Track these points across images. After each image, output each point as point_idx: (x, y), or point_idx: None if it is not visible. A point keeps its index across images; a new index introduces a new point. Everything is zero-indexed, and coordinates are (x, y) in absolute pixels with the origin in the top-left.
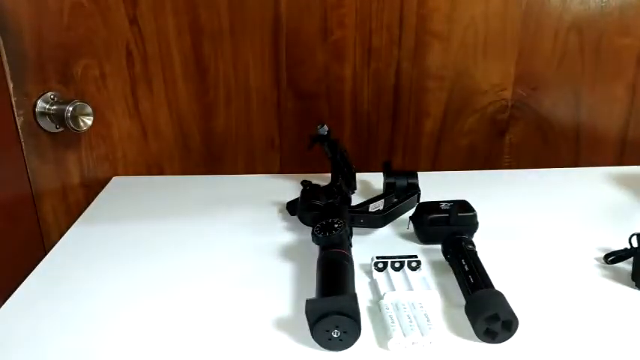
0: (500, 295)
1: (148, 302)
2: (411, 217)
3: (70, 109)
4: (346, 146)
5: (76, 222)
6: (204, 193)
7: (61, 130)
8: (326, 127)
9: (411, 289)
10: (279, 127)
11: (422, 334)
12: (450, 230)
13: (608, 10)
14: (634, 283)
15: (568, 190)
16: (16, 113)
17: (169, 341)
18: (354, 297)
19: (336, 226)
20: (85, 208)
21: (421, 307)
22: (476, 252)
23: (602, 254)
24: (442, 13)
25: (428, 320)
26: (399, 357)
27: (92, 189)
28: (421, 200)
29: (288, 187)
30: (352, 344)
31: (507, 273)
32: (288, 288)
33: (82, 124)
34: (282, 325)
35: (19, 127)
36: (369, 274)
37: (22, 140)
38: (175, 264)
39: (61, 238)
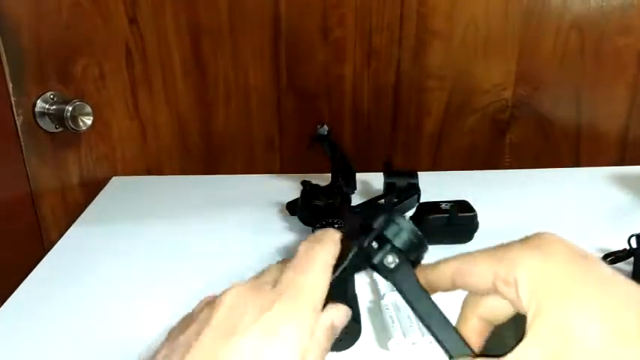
0: None
1: (147, 302)
2: (411, 218)
3: (70, 108)
4: (346, 146)
5: (76, 222)
6: (204, 193)
7: (60, 130)
8: (326, 127)
9: None
10: (279, 127)
11: (422, 335)
12: None
13: (609, 10)
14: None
15: (568, 190)
16: (15, 113)
17: None
18: (355, 297)
19: (336, 226)
20: (85, 208)
21: None
22: None
23: (602, 254)
24: (442, 12)
25: None
26: (400, 357)
27: (91, 189)
28: (421, 200)
29: (288, 187)
30: (352, 344)
31: None
32: None
33: (81, 123)
34: None
35: (18, 127)
36: (370, 274)
37: (21, 140)
38: (175, 264)
39: (60, 237)
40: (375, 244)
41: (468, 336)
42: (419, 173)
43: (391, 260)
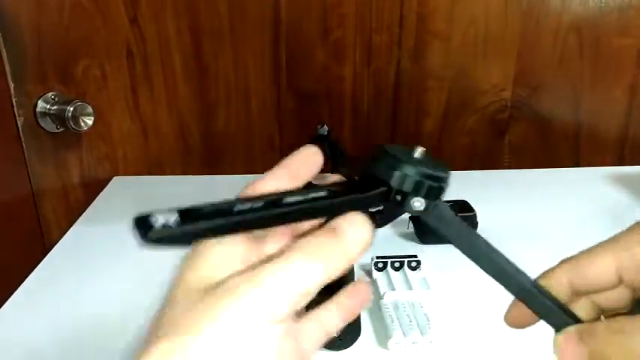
0: None
1: (147, 302)
2: (411, 217)
3: (71, 109)
4: (346, 146)
5: (77, 222)
6: (205, 193)
7: (61, 130)
8: (326, 127)
9: (410, 288)
10: (279, 127)
11: (422, 334)
12: None
13: (608, 11)
14: None
15: (567, 190)
16: (16, 113)
17: None
18: None
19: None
20: (86, 208)
21: (421, 306)
22: None
23: None
24: (442, 13)
25: (428, 320)
26: (399, 357)
27: (93, 189)
28: None
29: None
30: (352, 344)
31: None
32: None
33: (82, 124)
34: None
35: (19, 127)
36: (369, 273)
37: (22, 140)
38: (175, 264)
39: (61, 237)
40: (398, 197)
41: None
42: None
43: (418, 205)
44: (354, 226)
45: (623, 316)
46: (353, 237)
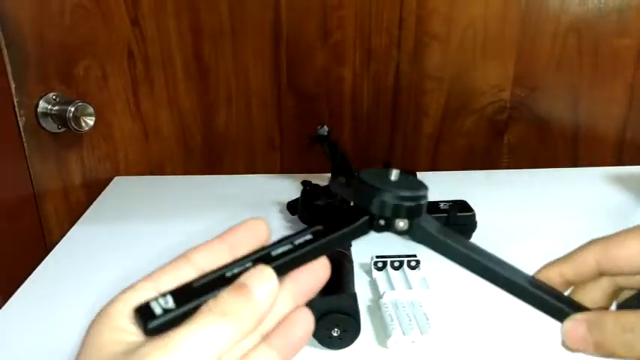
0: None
1: None
2: None
3: (72, 109)
4: (346, 146)
5: (78, 222)
6: (206, 193)
7: (62, 130)
8: (326, 128)
9: (410, 288)
10: (279, 127)
11: (421, 333)
12: None
13: (607, 12)
14: None
15: (566, 191)
16: (18, 114)
17: None
18: (354, 296)
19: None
20: (87, 208)
21: (420, 306)
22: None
23: None
24: (441, 15)
25: (427, 319)
26: (399, 356)
27: (94, 189)
28: None
29: (288, 187)
30: (352, 343)
31: None
32: None
33: (83, 124)
34: None
35: (21, 127)
36: (369, 273)
37: (24, 140)
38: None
39: (62, 237)
40: (382, 222)
41: (595, 294)
42: (418, 173)
43: (402, 225)
44: (261, 280)
45: (634, 312)
46: (261, 291)
